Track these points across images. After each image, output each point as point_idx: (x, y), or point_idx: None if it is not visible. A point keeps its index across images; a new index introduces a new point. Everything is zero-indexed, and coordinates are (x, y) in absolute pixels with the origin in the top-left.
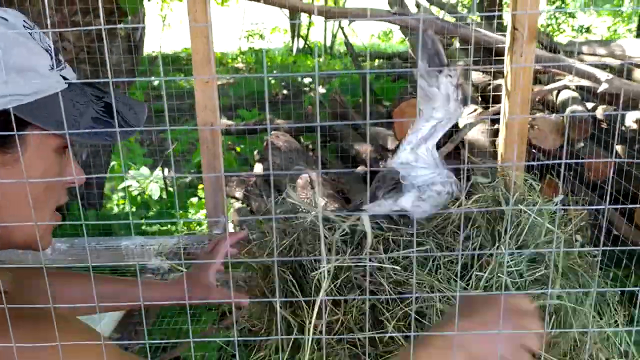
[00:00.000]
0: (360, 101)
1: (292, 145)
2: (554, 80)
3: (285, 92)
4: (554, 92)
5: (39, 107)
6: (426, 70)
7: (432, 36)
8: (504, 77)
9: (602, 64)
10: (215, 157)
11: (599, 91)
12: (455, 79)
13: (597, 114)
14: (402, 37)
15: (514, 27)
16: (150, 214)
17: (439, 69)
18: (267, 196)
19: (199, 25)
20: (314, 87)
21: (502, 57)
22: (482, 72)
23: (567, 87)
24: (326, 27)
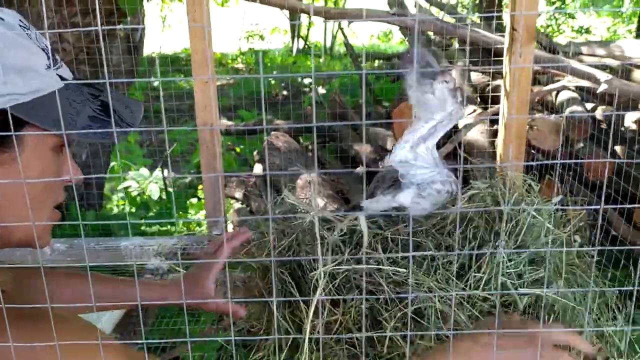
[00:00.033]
0: (359, 101)
1: (291, 145)
2: (553, 80)
3: (285, 92)
4: (554, 93)
5: (37, 106)
6: (417, 80)
7: (420, 48)
8: (502, 77)
9: (602, 64)
10: (214, 157)
11: (598, 92)
12: (451, 83)
13: (597, 114)
14: (401, 37)
15: (513, 28)
16: (150, 215)
17: (431, 77)
18: (266, 197)
19: (198, 25)
20: (314, 87)
21: (501, 57)
22: (481, 72)
23: (567, 88)
24: (326, 27)
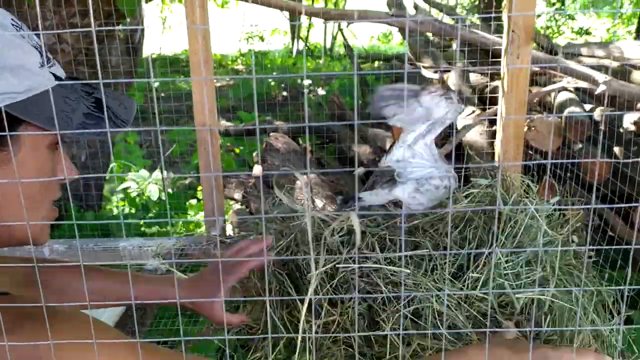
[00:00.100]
0: (359, 102)
1: (290, 146)
2: (552, 82)
3: (284, 93)
4: (552, 94)
5: (32, 104)
6: (397, 107)
7: (387, 90)
8: (501, 78)
9: (601, 65)
10: (213, 158)
11: (597, 93)
12: (439, 91)
13: (595, 115)
14: (401, 39)
15: (511, 29)
16: (149, 216)
17: (413, 95)
18: (265, 197)
19: (196, 27)
20: (313, 88)
21: (500, 59)
22: (480, 74)
23: (565, 89)
24: (326, 29)
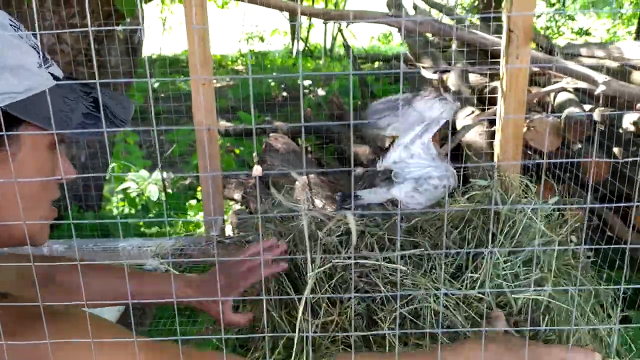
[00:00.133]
0: (358, 103)
1: (290, 147)
2: (552, 82)
3: (284, 94)
4: (552, 94)
5: (32, 104)
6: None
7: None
8: (500, 79)
9: (600, 66)
10: (212, 158)
11: (596, 93)
12: (432, 94)
13: (595, 115)
14: (401, 40)
15: (510, 29)
16: (149, 216)
17: (406, 103)
18: (264, 198)
19: (195, 27)
20: (313, 89)
21: (499, 59)
22: (479, 74)
23: (565, 89)
24: (326, 29)
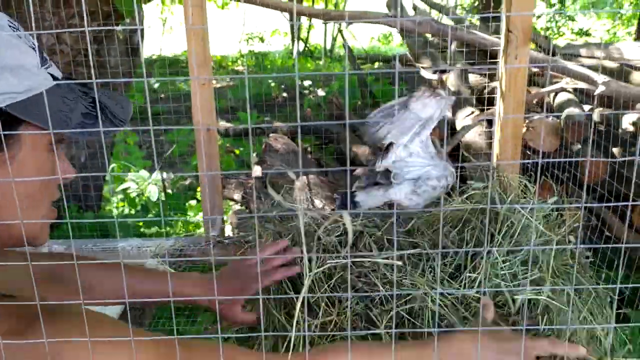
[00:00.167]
0: (358, 103)
1: (290, 147)
2: (551, 82)
3: (285, 94)
4: (551, 95)
5: (32, 104)
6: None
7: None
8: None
9: (600, 66)
10: (211, 158)
11: (596, 93)
12: (426, 93)
13: (594, 116)
14: (401, 40)
15: (508, 30)
16: (149, 216)
17: (403, 107)
18: (264, 198)
19: (194, 27)
20: (313, 89)
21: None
22: (478, 74)
23: (564, 90)
24: (326, 30)
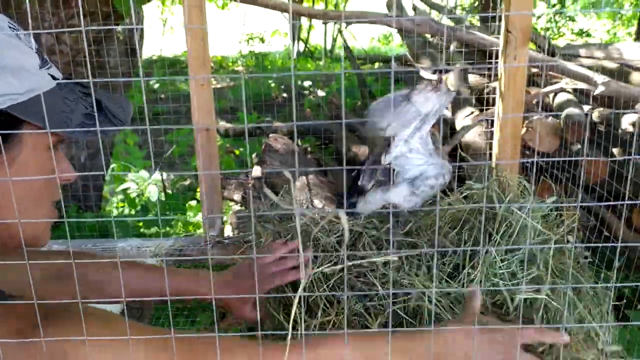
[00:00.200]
0: (358, 103)
1: (289, 147)
2: (551, 83)
3: (284, 95)
4: (551, 95)
5: (33, 105)
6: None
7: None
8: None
9: (599, 67)
10: (210, 158)
11: (596, 94)
12: (428, 87)
13: (594, 116)
14: (401, 41)
15: (507, 30)
16: (148, 216)
17: (405, 98)
18: (264, 198)
19: (193, 26)
20: (313, 90)
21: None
22: (478, 75)
23: (564, 90)
24: (326, 30)
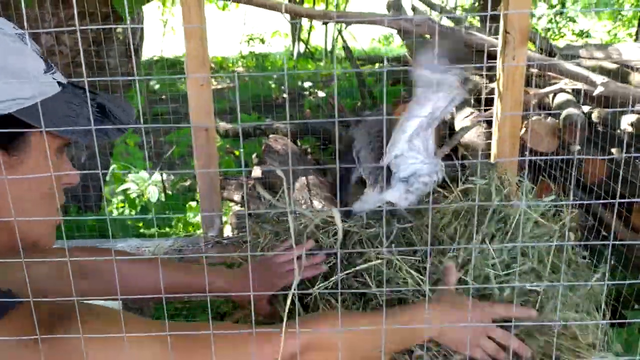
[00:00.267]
0: (358, 104)
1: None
2: (550, 83)
3: (284, 95)
4: (550, 95)
5: (38, 109)
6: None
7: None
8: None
9: (598, 66)
10: (210, 159)
11: (595, 94)
12: (457, 77)
13: (593, 117)
14: (402, 41)
15: (506, 30)
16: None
17: (447, 70)
18: (264, 199)
19: (191, 26)
20: (314, 91)
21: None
22: (477, 75)
23: (563, 90)
24: (327, 31)
